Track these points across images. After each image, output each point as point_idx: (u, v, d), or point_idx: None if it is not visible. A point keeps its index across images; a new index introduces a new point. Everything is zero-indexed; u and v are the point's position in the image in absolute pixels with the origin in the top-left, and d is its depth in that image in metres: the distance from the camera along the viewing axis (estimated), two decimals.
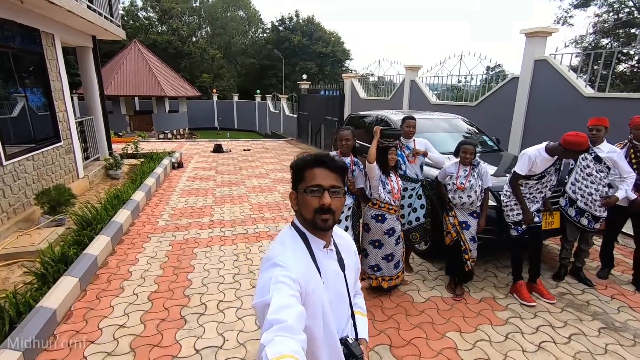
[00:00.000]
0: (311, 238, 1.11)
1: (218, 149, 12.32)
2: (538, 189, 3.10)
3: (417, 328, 2.82)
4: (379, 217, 3.05)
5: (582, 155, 3.29)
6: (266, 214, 5.59)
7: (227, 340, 2.65)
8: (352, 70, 35.19)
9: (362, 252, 3.20)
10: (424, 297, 3.28)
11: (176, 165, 9.14)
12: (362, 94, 11.51)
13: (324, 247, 1.14)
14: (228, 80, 35.40)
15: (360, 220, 3.27)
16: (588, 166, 3.25)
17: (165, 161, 8.59)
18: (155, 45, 28.64)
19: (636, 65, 11.11)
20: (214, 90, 30.00)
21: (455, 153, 3.20)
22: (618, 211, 3.38)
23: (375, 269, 3.15)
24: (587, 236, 3.41)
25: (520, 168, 3.03)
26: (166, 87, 20.29)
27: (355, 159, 2.99)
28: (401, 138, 3.50)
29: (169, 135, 21.34)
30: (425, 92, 8.43)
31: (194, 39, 34.30)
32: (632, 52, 11.43)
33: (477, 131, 5.34)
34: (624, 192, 3.18)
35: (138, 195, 5.66)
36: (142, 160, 8.86)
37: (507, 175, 3.36)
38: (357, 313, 1.26)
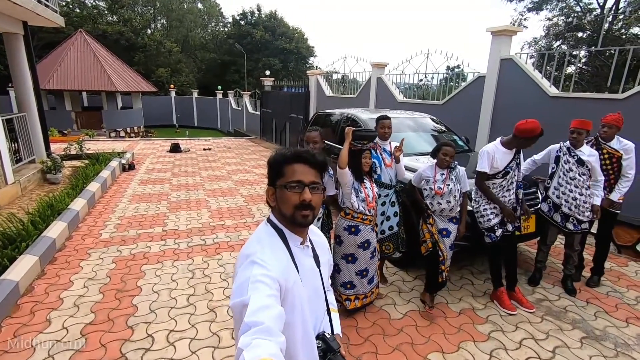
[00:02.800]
0: (288, 235, 1.11)
1: (175, 149, 11.53)
2: (504, 186, 2.96)
3: (396, 351, 2.54)
4: (352, 229, 2.74)
5: (564, 159, 3.18)
6: (227, 220, 5.12)
7: None
8: (316, 67, 34.91)
9: (334, 268, 2.87)
10: (401, 312, 3.02)
11: (127, 167, 8.35)
12: (328, 92, 11.22)
13: (301, 243, 1.13)
14: (187, 75, 33.78)
15: (331, 232, 2.94)
16: (571, 170, 3.15)
17: (114, 163, 7.80)
18: (104, 36, 26.55)
19: (584, 67, 11.82)
20: (172, 86, 28.50)
21: (433, 154, 2.96)
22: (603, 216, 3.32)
23: (349, 286, 2.83)
24: (572, 240, 3.31)
25: (482, 166, 2.91)
26: (117, 81, 18.84)
27: None
28: (377, 139, 3.21)
29: (122, 134, 19.88)
30: (392, 90, 8.29)
31: (148, 31, 32.30)
32: (579, 54, 12.08)
33: (446, 130, 5.21)
34: (599, 197, 3.14)
35: (78, 204, 4.97)
36: (86, 162, 7.98)
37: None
38: (330, 309, 1.26)
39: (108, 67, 19.33)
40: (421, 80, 8.21)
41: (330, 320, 1.23)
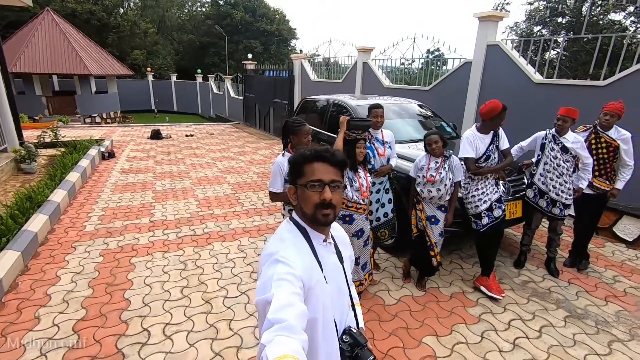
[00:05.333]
0: (311, 233, 1.11)
1: (156, 135, 11.19)
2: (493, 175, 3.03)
3: (392, 336, 2.61)
4: (347, 218, 2.75)
5: (550, 146, 3.27)
6: (216, 210, 5.05)
7: None
8: (300, 50, 34.22)
9: None
10: (395, 297, 3.09)
11: (106, 155, 8.06)
12: (313, 76, 11.06)
13: (324, 241, 1.13)
14: (164, 57, 32.49)
15: None
16: (556, 157, 3.23)
17: (93, 151, 7.51)
18: (74, 15, 25.03)
19: (564, 52, 12.04)
20: (149, 69, 27.42)
21: (425, 147, 2.98)
22: (586, 201, 3.43)
23: None
24: (556, 224, 3.44)
25: (468, 151, 2.99)
26: (90, 64, 17.94)
27: None
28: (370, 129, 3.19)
29: (98, 120, 19.11)
30: (379, 75, 8.24)
31: (121, 10, 30.67)
32: (559, 40, 12.30)
33: (434, 116, 5.25)
34: (586, 181, 3.24)
35: (58, 195, 4.78)
36: (63, 150, 7.64)
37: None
38: (355, 304, 1.26)
39: (79, 48, 18.35)
40: (403, 64, 8.17)
41: (355, 315, 1.24)
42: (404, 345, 2.52)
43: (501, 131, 3.09)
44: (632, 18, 11.33)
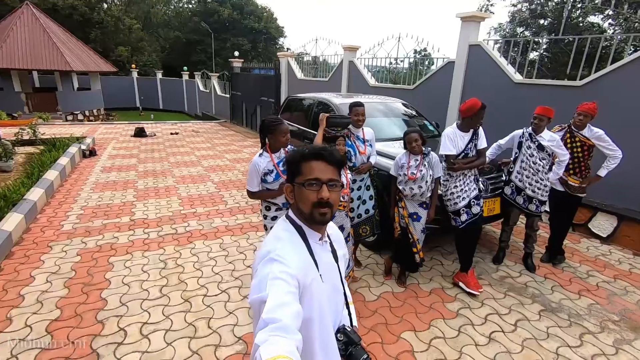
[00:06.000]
0: (307, 231, 1.10)
1: (140, 133, 11.02)
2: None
3: (371, 332, 2.63)
4: None
5: (527, 145, 3.34)
6: (199, 208, 5.00)
7: None
8: (287, 48, 34.10)
9: None
10: (376, 294, 3.11)
11: (87, 153, 7.89)
12: (299, 75, 11.03)
13: (320, 239, 1.12)
14: (150, 54, 31.95)
15: None
16: (532, 155, 3.30)
17: (73, 149, 7.34)
18: (55, 10, 24.39)
19: (546, 53, 12.34)
20: (134, 66, 26.92)
21: (404, 144, 3.01)
22: (561, 199, 3.51)
23: None
24: (532, 221, 3.51)
25: (448, 149, 3.04)
26: (72, 60, 17.52)
27: (290, 148, 2.59)
28: (350, 127, 3.20)
29: (80, 117, 18.65)
30: (364, 74, 8.27)
31: (105, 5, 30.00)
32: (542, 41, 12.60)
33: (417, 115, 5.30)
34: (556, 175, 3.32)
35: (35, 194, 4.66)
36: (42, 148, 7.45)
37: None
38: (348, 303, 1.28)
39: (61, 44, 17.89)
40: (391, 63, 8.23)
41: (349, 314, 1.24)
42: (382, 341, 2.54)
43: (480, 130, 3.14)
44: (610, 21, 11.69)
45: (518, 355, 2.46)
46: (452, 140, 3.03)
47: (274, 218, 2.56)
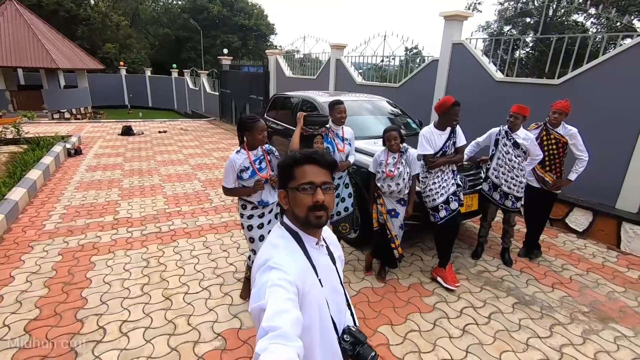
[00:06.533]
0: (304, 236, 1.10)
1: (127, 131, 10.92)
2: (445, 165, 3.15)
3: None
4: None
5: (503, 142, 3.42)
6: (184, 207, 5.01)
7: None
8: (278, 46, 33.95)
9: None
10: (355, 289, 3.17)
11: (73, 152, 7.81)
12: (288, 72, 11.03)
13: (316, 243, 1.13)
14: (138, 52, 31.50)
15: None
16: (508, 152, 3.39)
17: (57, 148, 7.26)
18: (40, 6, 23.86)
19: (531, 51, 12.53)
20: (122, 63, 26.52)
21: (383, 141, 3.07)
22: (535, 194, 3.60)
23: None
24: (509, 216, 3.60)
25: (425, 148, 3.10)
26: (58, 57, 17.21)
27: (267, 147, 2.62)
28: (331, 125, 3.25)
29: (67, 115, 18.37)
30: (351, 72, 8.31)
31: (92, 1, 29.47)
32: (528, 39, 12.78)
33: (401, 113, 5.37)
34: (528, 165, 3.41)
35: (16, 193, 4.62)
36: (25, 147, 7.36)
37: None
38: (349, 303, 1.27)
39: (46, 41, 17.56)
40: (383, 61, 8.25)
41: (352, 314, 1.25)
42: None
43: (458, 128, 3.21)
44: (592, 19, 11.91)
45: (489, 346, 2.54)
46: (429, 139, 3.09)
47: (250, 217, 2.59)
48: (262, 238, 2.60)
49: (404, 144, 3.04)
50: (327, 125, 3.18)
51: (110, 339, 2.48)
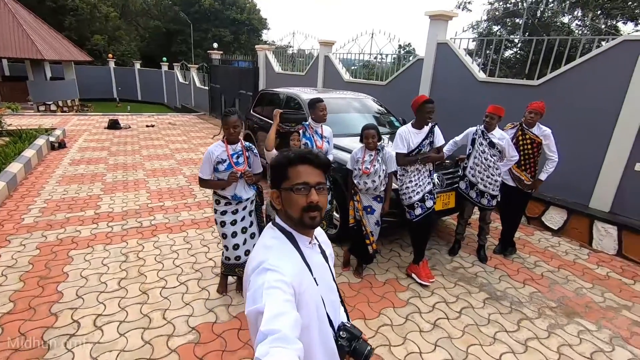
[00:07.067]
0: (298, 237, 1.10)
1: (114, 125, 10.80)
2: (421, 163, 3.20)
3: None
4: None
5: (479, 141, 3.49)
6: (167, 202, 5.00)
7: None
8: (272, 41, 33.73)
9: None
10: None
11: (56, 145, 7.70)
12: (277, 68, 11.00)
13: (309, 243, 1.13)
14: (128, 44, 31.02)
15: (263, 208, 2.99)
16: (484, 151, 3.46)
17: (40, 140, 7.15)
18: None
19: (519, 52, 12.70)
20: (110, 55, 26.10)
21: (361, 138, 3.12)
22: (510, 192, 3.69)
23: None
24: (485, 214, 3.69)
25: (399, 147, 3.15)
26: (44, 48, 16.86)
27: (247, 144, 2.67)
28: (311, 122, 3.28)
29: (53, 108, 18.04)
30: (339, 69, 8.34)
31: None
32: (516, 40, 12.94)
33: (385, 111, 5.42)
34: (499, 169, 3.49)
35: None
36: (7, 139, 7.23)
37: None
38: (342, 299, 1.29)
39: (31, 31, 17.18)
40: (376, 58, 8.24)
41: (345, 310, 1.27)
42: None
43: (437, 129, 3.27)
44: (576, 22, 12.12)
45: (458, 340, 2.62)
46: (405, 138, 3.15)
47: (224, 212, 2.62)
48: (234, 235, 2.64)
49: (381, 142, 3.09)
50: (306, 123, 3.21)
51: (83, 332, 2.49)
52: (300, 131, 3.07)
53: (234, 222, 2.62)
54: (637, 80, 3.86)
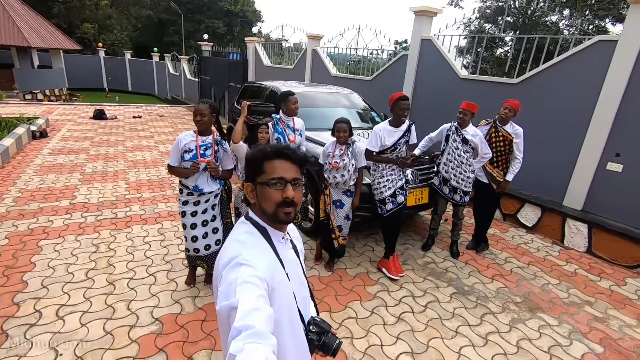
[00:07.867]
0: (271, 231, 1.09)
1: (100, 115, 10.66)
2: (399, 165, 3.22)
3: None
4: None
5: (453, 138, 3.51)
6: (145, 193, 4.97)
7: (61, 355, 2.23)
8: (265, 34, 33.43)
9: None
10: None
11: (38, 134, 7.59)
12: (266, 61, 10.92)
13: (282, 238, 1.13)
14: (120, 33, 30.50)
15: (231, 204, 3.00)
16: (457, 148, 3.48)
17: (20, 129, 7.04)
18: None
19: (510, 50, 12.72)
20: (101, 45, 25.66)
21: (332, 132, 3.11)
22: (483, 189, 3.73)
23: None
24: (458, 210, 3.72)
25: (371, 145, 3.17)
26: (31, 35, 16.53)
27: (218, 138, 2.67)
28: (282, 115, 3.27)
29: (40, 96, 17.74)
30: (326, 63, 8.30)
31: None
32: (507, 39, 12.97)
33: (368, 107, 5.42)
34: (472, 166, 3.53)
35: None
36: None
37: None
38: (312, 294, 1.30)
39: (18, 18, 16.82)
40: (371, 53, 8.15)
41: (315, 305, 1.29)
42: None
43: (413, 127, 3.28)
44: (564, 21, 12.18)
45: (420, 333, 2.66)
46: (379, 137, 3.15)
47: (185, 203, 2.62)
48: (193, 226, 2.64)
49: (352, 137, 3.09)
50: (277, 116, 3.20)
51: (44, 322, 2.48)
52: (270, 124, 3.06)
53: (194, 214, 2.61)
54: (611, 80, 3.90)
